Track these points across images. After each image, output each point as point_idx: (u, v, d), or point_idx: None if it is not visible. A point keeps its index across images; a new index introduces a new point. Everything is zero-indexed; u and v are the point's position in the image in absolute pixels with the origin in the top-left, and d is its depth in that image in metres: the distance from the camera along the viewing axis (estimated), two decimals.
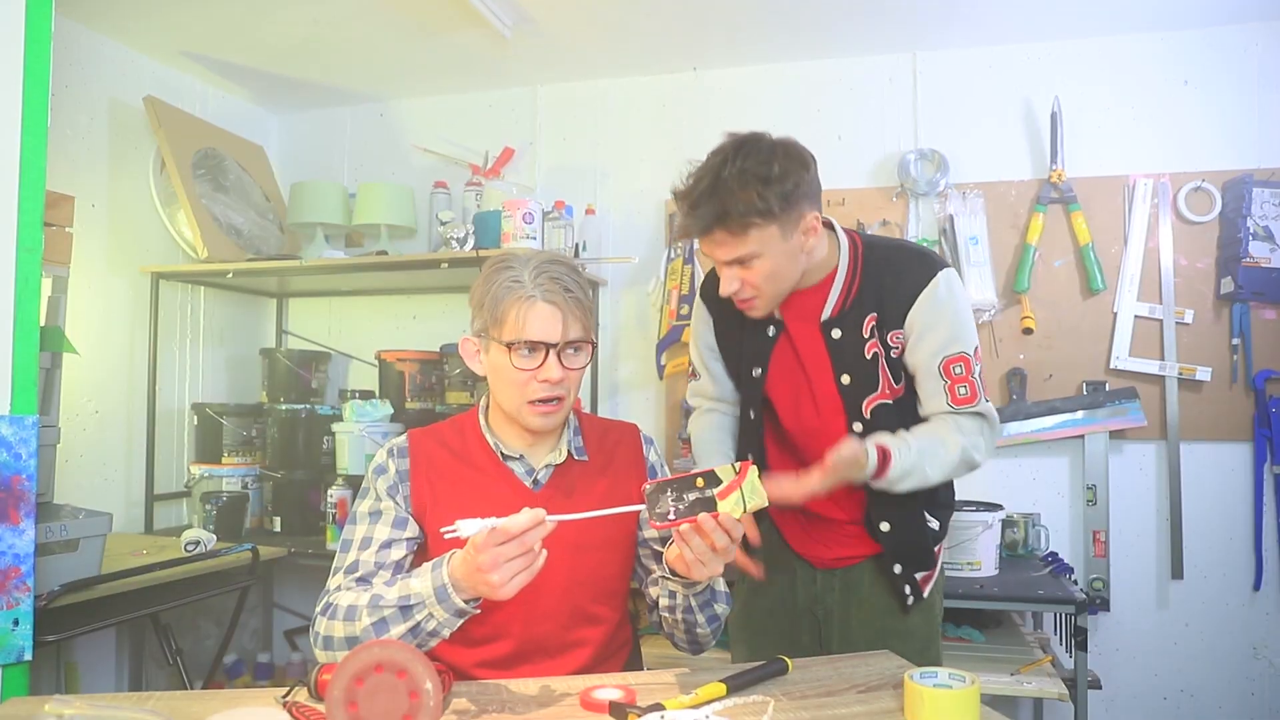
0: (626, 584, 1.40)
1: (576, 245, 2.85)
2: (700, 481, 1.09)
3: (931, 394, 1.45)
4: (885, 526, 1.49)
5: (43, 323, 1.69)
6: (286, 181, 3.21)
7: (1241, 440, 2.52)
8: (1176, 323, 2.55)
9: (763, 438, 1.57)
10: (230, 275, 2.80)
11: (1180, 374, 2.54)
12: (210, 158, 2.94)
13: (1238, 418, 2.52)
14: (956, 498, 2.47)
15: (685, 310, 2.84)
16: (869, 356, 1.45)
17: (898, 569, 1.51)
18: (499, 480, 1.32)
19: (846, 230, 1.50)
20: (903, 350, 1.45)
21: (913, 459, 1.36)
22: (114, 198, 2.71)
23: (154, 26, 2.64)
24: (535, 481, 1.33)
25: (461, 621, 1.16)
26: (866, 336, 1.45)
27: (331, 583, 1.26)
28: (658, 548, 1.38)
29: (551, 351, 1.24)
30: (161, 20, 2.60)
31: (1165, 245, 2.57)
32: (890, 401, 1.46)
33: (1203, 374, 2.53)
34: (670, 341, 2.84)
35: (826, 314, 1.46)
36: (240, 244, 2.92)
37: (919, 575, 1.52)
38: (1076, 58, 2.68)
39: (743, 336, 1.55)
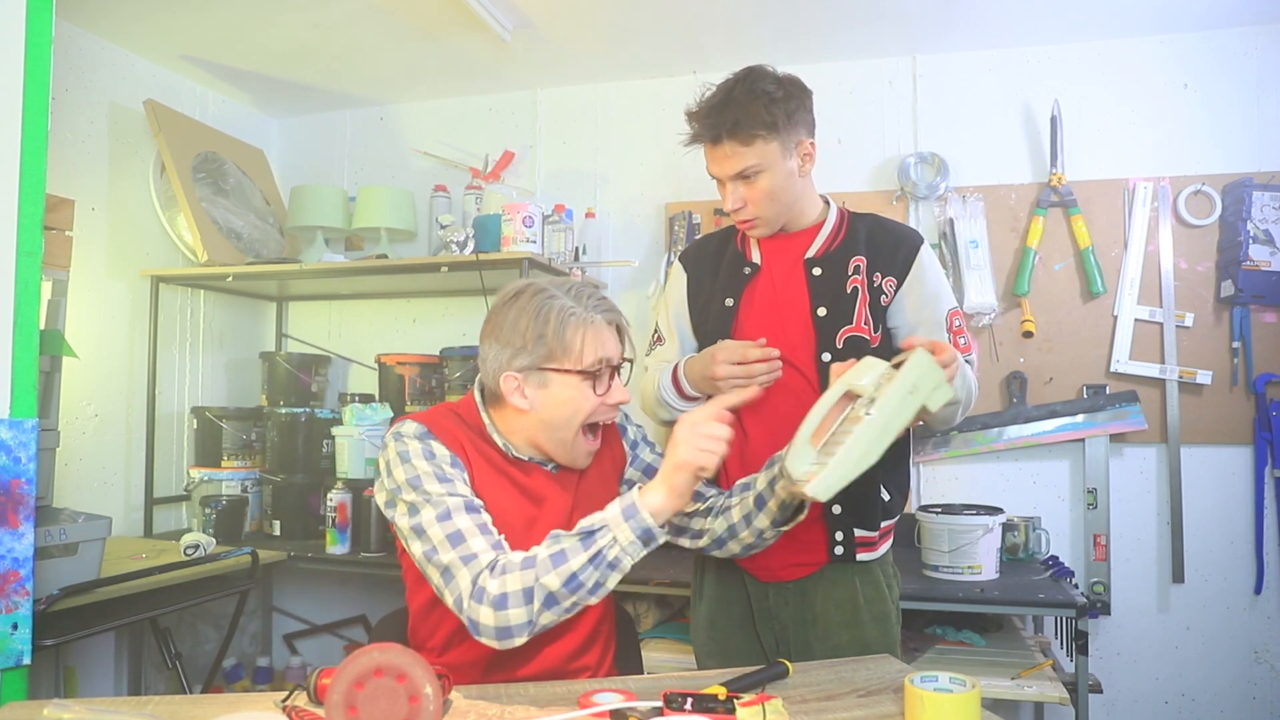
0: None
1: (576, 249, 2.85)
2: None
3: None
4: (839, 496, 1.46)
5: (42, 326, 1.69)
6: (286, 185, 3.21)
7: (1242, 444, 2.52)
8: (1177, 326, 2.55)
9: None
10: (230, 279, 2.80)
11: (1180, 377, 2.54)
12: (210, 161, 2.94)
13: (1238, 421, 2.52)
14: (953, 501, 2.51)
15: None
16: (849, 291, 1.51)
17: (836, 510, 1.48)
18: (517, 467, 1.31)
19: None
20: (891, 300, 1.52)
21: (963, 369, 1.43)
22: (114, 201, 2.71)
23: (154, 30, 2.65)
24: (554, 466, 1.35)
25: (645, 552, 1.15)
26: (850, 273, 1.52)
27: (474, 563, 1.15)
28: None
29: (616, 372, 1.30)
30: (162, 24, 2.60)
31: (1165, 248, 2.57)
32: (864, 337, 1.50)
33: (1203, 377, 2.53)
34: None
35: (811, 253, 1.55)
36: (240, 247, 2.92)
37: (856, 531, 1.49)
38: (1076, 61, 2.68)
39: (715, 282, 1.60)
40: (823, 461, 1.17)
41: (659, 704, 1.05)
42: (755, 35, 2.65)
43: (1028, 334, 2.62)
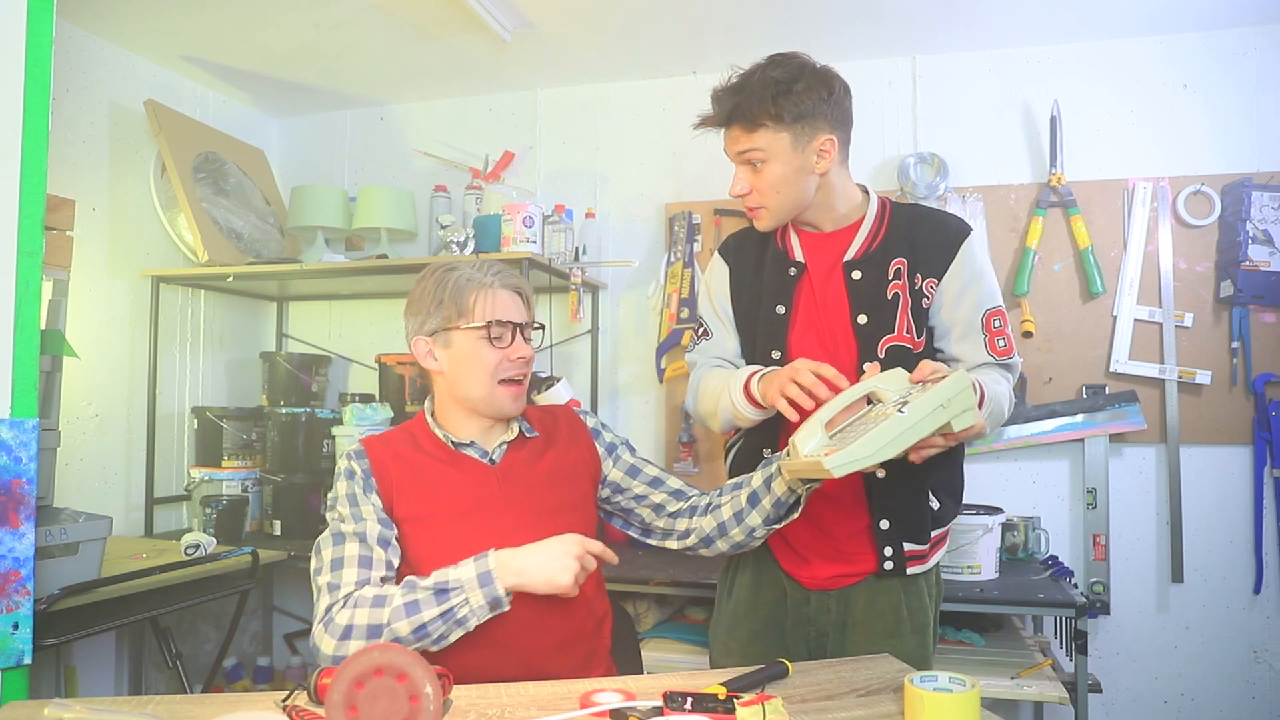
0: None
1: (576, 249, 2.86)
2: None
3: (972, 347, 1.47)
4: (886, 510, 1.46)
5: (43, 326, 1.69)
6: (287, 185, 3.21)
7: (1241, 443, 2.52)
8: (1176, 326, 2.55)
9: (782, 417, 1.51)
10: (230, 279, 2.80)
11: (1180, 377, 2.54)
12: (211, 161, 2.94)
13: (1237, 421, 2.52)
14: None
15: (685, 314, 2.84)
16: (889, 297, 1.46)
17: (884, 525, 1.45)
18: (456, 464, 1.38)
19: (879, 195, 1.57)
20: (932, 301, 1.47)
21: (991, 391, 1.38)
22: (114, 201, 2.71)
23: (155, 30, 2.65)
24: (491, 460, 1.40)
25: (491, 615, 1.21)
26: (890, 278, 1.46)
27: (336, 593, 1.24)
28: (639, 492, 1.48)
29: (519, 331, 1.37)
30: (162, 24, 2.60)
31: (1165, 249, 2.57)
32: (906, 345, 1.45)
33: (1202, 377, 2.53)
34: (670, 345, 2.84)
35: (850, 255, 1.49)
36: (240, 247, 2.92)
37: (906, 545, 1.46)
38: (1076, 61, 2.68)
39: (761, 281, 1.55)
40: (837, 446, 1.19)
41: (659, 704, 1.06)
42: (755, 35, 2.65)
43: (1027, 334, 2.62)
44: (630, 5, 2.48)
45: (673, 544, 1.46)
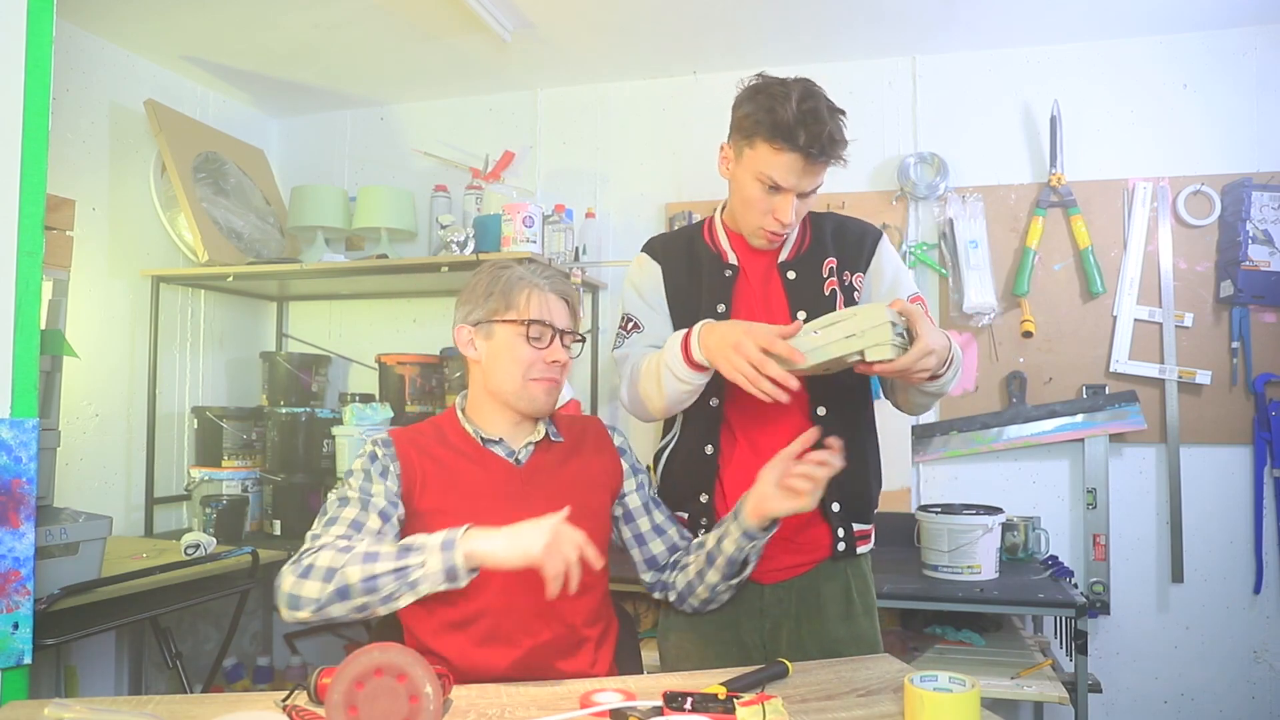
0: (605, 555, 1.45)
1: (576, 249, 2.86)
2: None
3: None
4: (835, 494, 1.48)
5: (43, 326, 1.69)
6: (287, 185, 3.21)
7: (1241, 443, 2.52)
8: (1176, 326, 2.56)
9: (720, 412, 1.52)
10: (230, 279, 2.80)
11: (1180, 377, 2.54)
12: (211, 161, 2.94)
13: (1237, 421, 2.52)
14: (953, 501, 2.51)
15: None
16: (827, 294, 1.51)
17: (835, 507, 1.50)
18: (482, 461, 1.39)
19: None
20: (861, 294, 1.54)
21: (954, 350, 1.42)
22: (115, 201, 2.71)
23: (155, 30, 2.65)
24: (517, 460, 1.40)
25: (445, 586, 1.16)
26: (825, 276, 1.52)
27: (315, 541, 1.27)
28: (642, 530, 1.50)
29: (558, 335, 1.38)
30: (162, 24, 2.60)
31: (1165, 249, 2.58)
32: None
33: (1202, 377, 2.53)
34: None
35: (783, 256, 1.54)
36: (240, 247, 2.92)
37: (855, 526, 1.52)
38: (1076, 61, 2.68)
39: (697, 281, 1.55)
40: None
41: (659, 704, 1.06)
42: (755, 35, 2.65)
43: (1027, 334, 2.62)
44: (630, 5, 2.48)
45: (656, 594, 1.51)
